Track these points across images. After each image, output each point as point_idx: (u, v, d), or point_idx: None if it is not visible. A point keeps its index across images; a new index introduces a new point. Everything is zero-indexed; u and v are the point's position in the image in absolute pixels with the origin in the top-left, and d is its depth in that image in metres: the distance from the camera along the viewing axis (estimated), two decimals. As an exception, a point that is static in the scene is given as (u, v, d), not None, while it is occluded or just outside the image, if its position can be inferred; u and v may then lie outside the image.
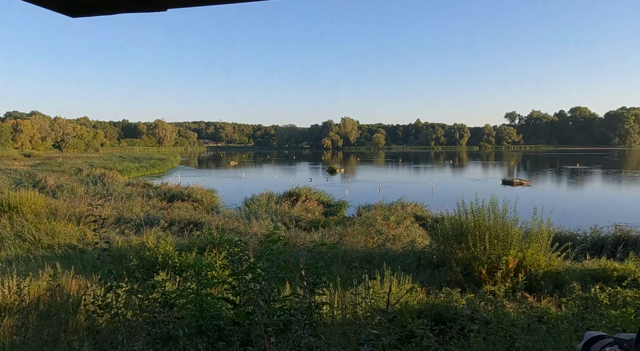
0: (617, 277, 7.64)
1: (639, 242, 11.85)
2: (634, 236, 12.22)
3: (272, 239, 2.71)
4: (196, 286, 2.89)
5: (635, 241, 11.98)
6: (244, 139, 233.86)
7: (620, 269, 7.78)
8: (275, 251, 2.56)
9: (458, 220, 9.85)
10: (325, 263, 10.46)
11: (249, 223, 16.06)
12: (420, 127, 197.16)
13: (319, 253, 3.31)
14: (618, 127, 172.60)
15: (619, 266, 7.97)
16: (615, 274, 7.65)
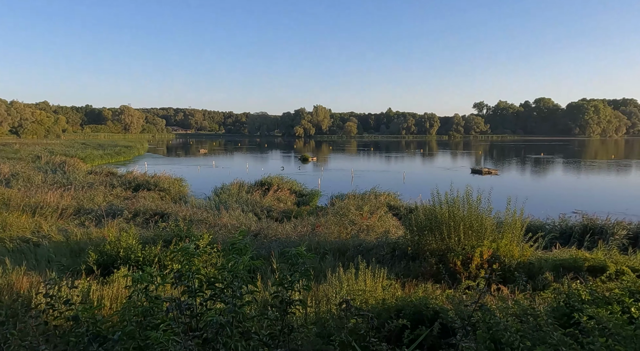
0: (587, 267, 7.69)
1: (605, 230, 12.16)
2: (599, 225, 12.54)
3: (237, 249, 2.32)
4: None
5: (601, 229, 12.29)
6: (214, 126, 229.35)
7: (590, 258, 7.83)
8: (241, 266, 2.16)
9: (432, 210, 9.71)
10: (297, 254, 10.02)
11: (218, 214, 15.51)
12: (392, 116, 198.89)
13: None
14: (579, 118, 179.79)
15: (589, 255, 8.03)
16: (586, 264, 7.70)
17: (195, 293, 2.19)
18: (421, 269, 8.68)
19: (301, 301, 2.34)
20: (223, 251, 4.56)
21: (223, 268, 2.20)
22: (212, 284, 2.24)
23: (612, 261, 7.35)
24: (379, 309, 4.86)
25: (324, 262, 9.55)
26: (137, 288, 2.22)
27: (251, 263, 2.25)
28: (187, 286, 2.19)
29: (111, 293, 6.29)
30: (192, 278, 2.21)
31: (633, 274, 5.04)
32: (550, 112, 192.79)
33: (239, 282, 2.17)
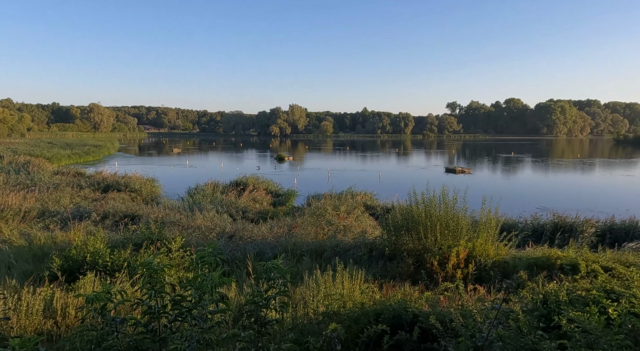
0: (560, 265, 7.82)
1: (574, 228, 12.49)
2: (569, 223, 12.87)
3: (206, 262, 2.12)
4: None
5: (571, 227, 12.61)
6: (188, 125, 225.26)
7: (562, 257, 7.97)
8: (210, 283, 1.94)
9: (409, 210, 9.70)
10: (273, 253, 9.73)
11: (192, 215, 15.11)
12: (367, 116, 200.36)
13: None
14: (546, 118, 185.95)
15: (561, 253, 8.18)
16: (558, 262, 7.83)
17: (158, 314, 1.99)
18: (399, 270, 8.65)
19: (278, 321, 2.17)
20: (194, 261, 4.33)
21: (190, 284, 2.00)
22: (178, 303, 2.03)
23: (583, 259, 7.50)
24: (358, 313, 4.75)
25: (300, 264, 9.40)
26: (92, 308, 1.99)
27: (221, 280, 2.06)
28: (150, 306, 1.98)
29: (76, 301, 5.95)
30: (155, 297, 2.01)
31: (605, 274, 5.10)
32: (519, 113, 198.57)
33: (207, 301, 1.98)
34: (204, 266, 2.11)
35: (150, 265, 2.08)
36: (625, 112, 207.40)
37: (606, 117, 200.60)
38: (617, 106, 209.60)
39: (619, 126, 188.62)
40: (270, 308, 2.17)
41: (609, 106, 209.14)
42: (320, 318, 5.11)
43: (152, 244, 9.75)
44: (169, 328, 1.99)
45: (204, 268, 2.12)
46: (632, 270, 4.81)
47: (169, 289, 2.19)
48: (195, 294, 1.96)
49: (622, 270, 5.45)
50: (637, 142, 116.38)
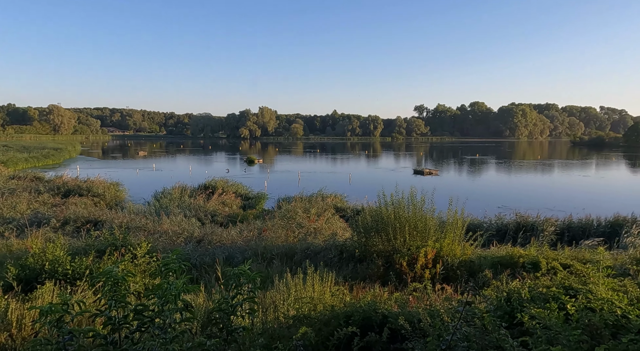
0: (522, 263, 8.11)
1: (536, 227, 13.00)
2: (531, 222, 13.39)
3: (170, 270, 2.04)
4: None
5: (532, 226, 13.13)
6: (154, 127, 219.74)
7: (524, 255, 8.27)
8: (174, 291, 1.86)
9: (378, 212, 9.81)
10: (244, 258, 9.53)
11: (159, 220, 14.71)
12: (337, 118, 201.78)
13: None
14: (509, 121, 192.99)
15: (524, 252, 8.48)
16: (521, 260, 8.11)
17: (119, 325, 1.90)
18: (369, 271, 8.72)
19: (245, 328, 2.12)
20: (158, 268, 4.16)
21: (153, 293, 1.92)
22: (140, 312, 1.94)
23: (543, 257, 7.80)
24: (328, 316, 4.75)
25: (271, 267, 9.33)
26: (48, 321, 1.87)
27: (186, 287, 1.99)
28: (110, 317, 1.89)
29: (33, 312, 5.66)
30: (116, 307, 1.92)
31: (564, 271, 5.32)
32: (484, 116, 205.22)
33: (171, 310, 1.91)
34: (169, 274, 2.04)
35: (110, 274, 1.99)
36: (580, 115, 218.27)
37: (564, 120, 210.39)
38: (574, 110, 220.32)
39: (576, 129, 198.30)
40: (237, 315, 2.12)
41: (566, 110, 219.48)
42: (290, 322, 5.08)
43: (117, 250, 9.42)
44: (131, 339, 1.90)
45: (169, 275, 2.05)
46: (588, 267, 5.03)
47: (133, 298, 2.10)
48: (158, 303, 1.88)
49: (579, 267, 5.71)
50: (592, 144, 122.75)
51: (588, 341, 2.69)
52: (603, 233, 13.42)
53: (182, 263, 2.17)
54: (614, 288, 4.26)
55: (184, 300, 1.95)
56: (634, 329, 2.85)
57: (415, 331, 3.88)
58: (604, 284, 4.27)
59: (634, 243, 11.86)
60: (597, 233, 13.39)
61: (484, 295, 5.23)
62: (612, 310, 3.36)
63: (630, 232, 12.83)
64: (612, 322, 3.18)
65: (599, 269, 4.69)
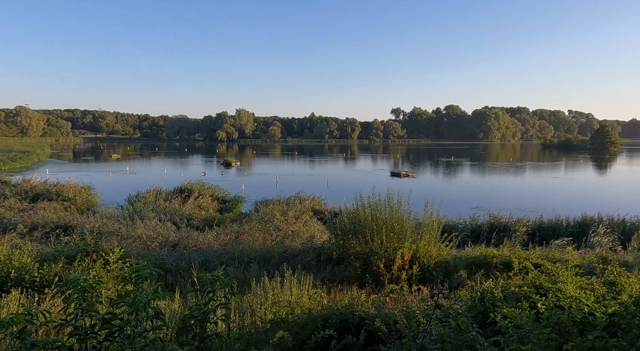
0: (496, 263, 8.29)
1: (508, 227, 13.34)
2: (504, 223, 13.73)
3: (140, 277, 1.98)
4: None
5: (505, 226, 13.46)
6: (128, 129, 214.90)
7: (498, 255, 8.46)
8: (144, 298, 1.79)
9: (356, 214, 9.86)
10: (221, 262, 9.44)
11: (132, 224, 14.36)
12: (315, 121, 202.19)
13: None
14: (482, 124, 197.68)
15: (497, 252, 8.67)
16: (494, 261, 8.29)
17: (86, 335, 1.82)
18: (346, 274, 8.74)
19: (218, 335, 2.08)
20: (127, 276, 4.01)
21: (122, 301, 1.86)
22: (109, 322, 1.87)
23: (516, 257, 8.00)
24: (305, 319, 4.73)
25: (248, 271, 9.24)
26: (9, 333, 1.77)
27: (156, 295, 1.94)
28: (76, 327, 1.82)
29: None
30: (83, 316, 1.84)
31: (535, 270, 5.46)
32: (458, 119, 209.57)
33: (141, 319, 1.85)
34: (139, 281, 1.98)
35: (76, 282, 1.91)
36: (550, 119, 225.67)
37: (534, 124, 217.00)
38: (544, 113, 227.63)
39: (546, 132, 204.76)
40: (211, 321, 2.08)
41: (537, 113, 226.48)
42: (268, 326, 5.04)
43: (88, 256, 9.16)
44: (98, 349, 1.82)
45: (139, 283, 1.99)
46: (558, 266, 5.18)
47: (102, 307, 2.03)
48: (128, 311, 1.82)
49: (549, 266, 5.88)
50: (561, 146, 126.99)
51: (557, 339, 2.77)
52: (572, 232, 13.89)
53: (153, 270, 2.10)
54: (581, 287, 4.41)
55: (154, 308, 1.90)
56: (600, 326, 2.95)
57: (391, 332, 3.91)
58: (572, 283, 4.41)
59: (600, 242, 12.32)
60: (566, 232, 13.85)
61: (458, 295, 5.33)
62: (580, 308, 3.46)
63: (597, 231, 13.32)
64: (580, 320, 3.29)
65: (567, 268, 4.84)
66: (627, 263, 8.47)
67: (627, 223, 14.67)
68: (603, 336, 2.69)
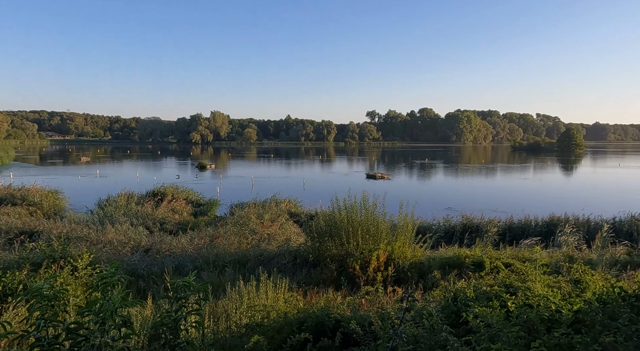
0: (468, 263, 8.48)
1: (480, 228, 13.66)
2: (476, 223, 14.06)
3: (107, 284, 1.91)
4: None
5: (477, 227, 13.79)
6: (98, 132, 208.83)
7: (470, 255, 8.65)
8: (112, 307, 1.72)
9: (331, 216, 9.89)
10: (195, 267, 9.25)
11: (102, 229, 13.93)
12: (291, 123, 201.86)
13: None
14: (455, 127, 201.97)
15: (470, 252, 8.87)
16: (467, 261, 8.48)
17: (49, 347, 1.74)
18: (322, 276, 8.75)
19: (189, 343, 2.03)
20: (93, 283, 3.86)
21: (88, 309, 1.79)
22: (74, 331, 1.79)
23: (487, 257, 8.19)
24: (281, 323, 4.70)
25: (223, 275, 9.12)
26: None
27: (124, 303, 1.87)
28: (38, 338, 1.74)
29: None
30: (46, 326, 1.76)
31: (506, 270, 5.61)
32: (432, 121, 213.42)
33: (109, 327, 1.79)
34: (107, 288, 1.91)
35: (39, 291, 1.83)
36: (519, 122, 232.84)
37: (505, 126, 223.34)
38: (513, 116, 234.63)
39: (515, 134, 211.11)
40: (181, 329, 2.03)
41: (507, 116, 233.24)
42: (243, 330, 4.98)
43: (55, 263, 8.83)
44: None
45: (107, 290, 1.92)
46: (527, 265, 5.35)
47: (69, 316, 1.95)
48: (94, 320, 1.75)
49: (519, 265, 6.05)
50: (530, 149, 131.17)
51: (525, 336, 2.85)
52: (540, 232, 14.36)
53: (121, 276, 2.04)
54: (549, 285, 4.55)
55: (122, 316, 1.84)
56: (566, 323, 3.05)
57: (366, 334, 3.94)
58: (540, 282, 4.56)
59: (567, 241, 12.78)
60: (535, 232, 14.30)
61: (432, 296, 5.42)
62: (548, 306, 3.58)
63: (564, 231, 13.81)
64: (548, 317, 3.39)
65: (536, 267, 4.99)
66: (592, 261, 8.82)
67: (591, 223, 15.28)
68: (569, 332, 2.78)
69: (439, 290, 5.66)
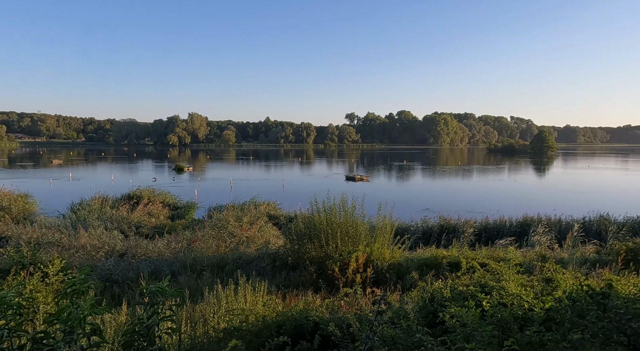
0: (445, 264, 8.61)
1: (457, 229, 13.91)
2: (453, 224, 14.31)
3: (77, 291, 1.85)
4: None
5: (454, 228, 14.03)
6: (71, 134, 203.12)
7: (447, 256, 8.80)
8: (80, 314, 1.66)
9: (311, 219, 9.89)
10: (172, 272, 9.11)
11: (75, 234, 13.55)
12: (270, 125, 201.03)
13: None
14: (432, 129, 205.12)
15: (446, 253, 9.02)
16: (444, 261, 8.61)
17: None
18: (302, 279, 8.73)
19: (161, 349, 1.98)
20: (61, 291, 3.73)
21: (55, 318, 1.72)
22: (39, 341, 1.72)
23: (464, 257, 8.34)
24: (259, 327, 4.67)
25: (201, 279, 9.00)
26: None
27: (94, 310, 1.81)
28: (2, 349, 1.66)
29: None
30: (10, 337, 1.68)
31: (482, 269, 5.72)
32: (410, 124, 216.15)
33: (77, 336, 1.72)
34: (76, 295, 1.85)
35: (3, 300, 1.76)
36: (494, 124, 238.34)
37: (480, 129, 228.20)
38: (488, 119, 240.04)
39: (490, 137, 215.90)
40: (156, 335, 1.99)
41: (482, 119, 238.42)
42: (220, 335, 4.92)
43: (24, 269, 8.53)
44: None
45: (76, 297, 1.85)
46: (501, 265, 5.47)
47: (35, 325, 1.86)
48: (62, 328, 1.69)
49: (494, 265, 6.18)
50: (505, 151, 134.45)
51: (498, 335, 2.91)
52: (514, 232, 14.73)
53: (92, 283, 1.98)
54: (522, 284, 4.66)
55: (92, 323, 1.78)
56: (538, 321, 3.13)
57: (345, 336, 3.94)
58: (514, 281, 4.66)
59: (540, 241, 13.14)
60: (509, 232, 14.66)
61: (410, 296, 5.48)
62: (521, 304, 3.66)
63: (537, 231, 14.20)
64: (521, 316, 3.48)
65: (510, 267, 5.11)
66: (563, 260, 9.09)
67: (562, 222, 15.77)
68: (540, 330, 2.86)
69: (416, 291, 5.73)
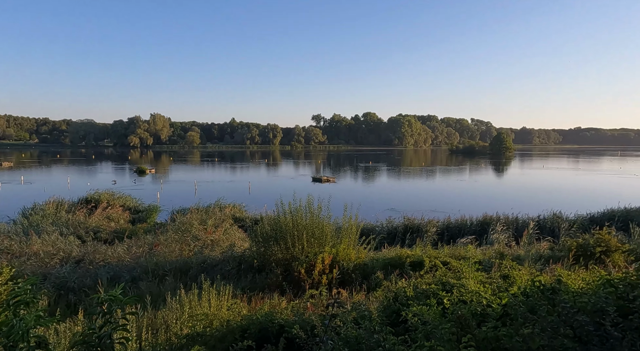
0: (409, 263, 8.79)
1: (421, 228, 14.23)
2: (417, 224, 14.63)
3: (21, 302, 1.73)
4: None
5: (418, 228, 14.35)
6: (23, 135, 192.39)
7: (411, 255, 8.99)
8: (23, 327, 1.55)
9: (277, 220, 9.83)
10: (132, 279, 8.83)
11: (27, 240, 12.84)
12: (236, 127, 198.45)
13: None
14: (397, 131, 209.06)
15: (410, 252, 9.21)
16: (408, 261, 8.79)
17: None
18: (268, 281, 8.67)
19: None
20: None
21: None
22: None
23: (427, 256, 8.54)
24: (223, 331, 4.59)
25: (163, 285, 8.75)
26: None
27: (39, 322, 1.71)
28: None
29: None
30: None
31: (444, 268, 5.88)
32: (375, 125, 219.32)
33: (21, 350, 1.62)
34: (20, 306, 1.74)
35: None
36: (456, 126, 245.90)
37: (443, 131, 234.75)
38: (450, 121, 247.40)
39: (452, 138, 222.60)
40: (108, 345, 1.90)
41: (444, 121, 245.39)
42: (183, 341, 4.81)
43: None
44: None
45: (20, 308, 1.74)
46: (462, 263, 5.63)
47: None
48: (3, 343, 1.58)
49: (455, 263, 6.36)
50: (466, 152, 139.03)
51: (457, 332, 3.00)
52: (475, 231, 15.24)
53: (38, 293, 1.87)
54: (482, 281, 4.82)
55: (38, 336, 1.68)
56: (494, 317, 3.25)
57: (309, 338, 3.94)
58: (474, 278, 4.82)
59: (498, 238, 13.67)
60: (470, 231, 15.16)
61: (375, 296, 5.55)
62: (480, 301, 3.79)
63: (495, 229, 14.76)
64: (479, 312, 3.59)
65: (469, 264, 5.28)
66: (520, 256, 9.49)
67: (519, 221, 16.47)
68: (496, 326, 2.97)
69: (381, 290, 5.81)
